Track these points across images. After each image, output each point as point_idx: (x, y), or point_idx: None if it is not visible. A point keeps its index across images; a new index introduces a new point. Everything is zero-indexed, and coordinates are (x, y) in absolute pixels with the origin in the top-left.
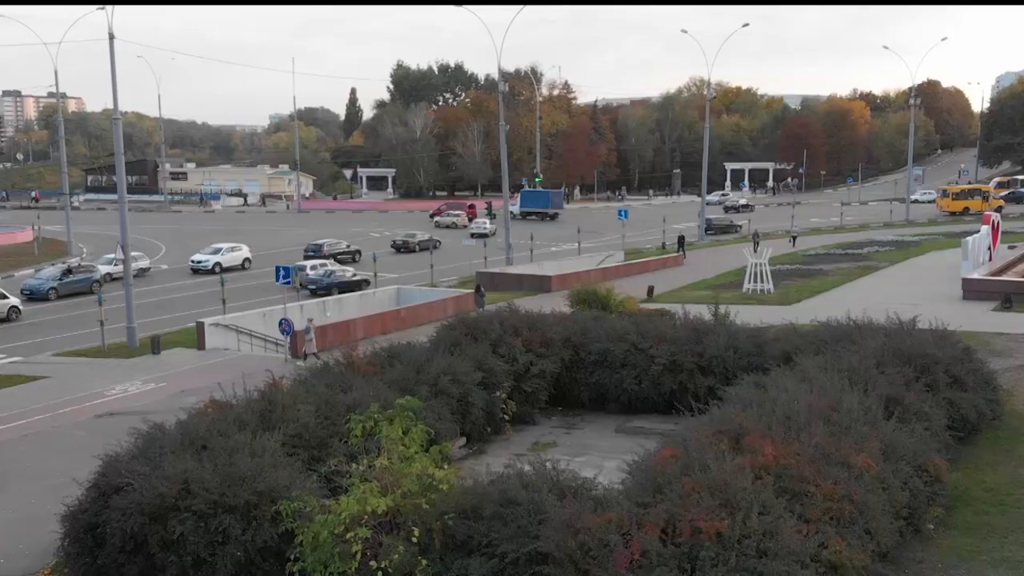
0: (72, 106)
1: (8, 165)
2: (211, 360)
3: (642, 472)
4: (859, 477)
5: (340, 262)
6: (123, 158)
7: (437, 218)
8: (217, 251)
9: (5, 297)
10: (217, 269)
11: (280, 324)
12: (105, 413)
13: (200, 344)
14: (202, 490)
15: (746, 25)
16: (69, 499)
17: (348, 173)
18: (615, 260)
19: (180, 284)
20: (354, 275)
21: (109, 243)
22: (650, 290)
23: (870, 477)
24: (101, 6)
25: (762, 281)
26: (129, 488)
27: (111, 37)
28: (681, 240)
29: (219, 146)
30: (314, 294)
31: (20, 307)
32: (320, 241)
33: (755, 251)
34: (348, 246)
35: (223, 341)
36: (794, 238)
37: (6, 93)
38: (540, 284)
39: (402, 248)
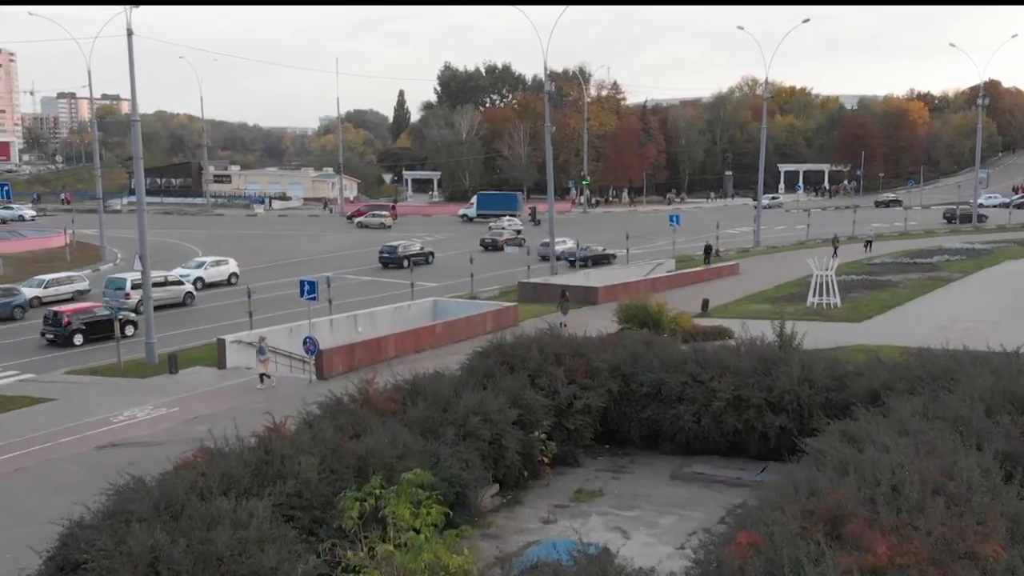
0: (124, 108)
1: (58, 166)
2: (231, 381)
3: (712, 569)
4: (989, 573)
5: (415, 264)
6: (142, 162)
7: (359, 219)
8: (200, 265)
9: (180, 283)
10: (199, 285)
11: (304, 342)
12: (107, 444)
13: (220, 363)
14: (171, 573)
15: (807, 21)
16: (27, 571)
17: (394, 176)
18: (665, 269)
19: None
20: (603, 249)
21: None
22: (704, 303)
23: (1000, 570)
24: (126, 6)
25: (828, 294)
26: (88, 567)
27: (129, 34)
28: (708, 249)
29: (270, 148)
30: (572, 266)
31: (194, 292)
32: (395, 243)
33: (835, 254)
34: (422, 248)
35: (246, 359)
36: (868, 243)
37: (60, 95)
38: (586, 296)
39: (491, 247)
